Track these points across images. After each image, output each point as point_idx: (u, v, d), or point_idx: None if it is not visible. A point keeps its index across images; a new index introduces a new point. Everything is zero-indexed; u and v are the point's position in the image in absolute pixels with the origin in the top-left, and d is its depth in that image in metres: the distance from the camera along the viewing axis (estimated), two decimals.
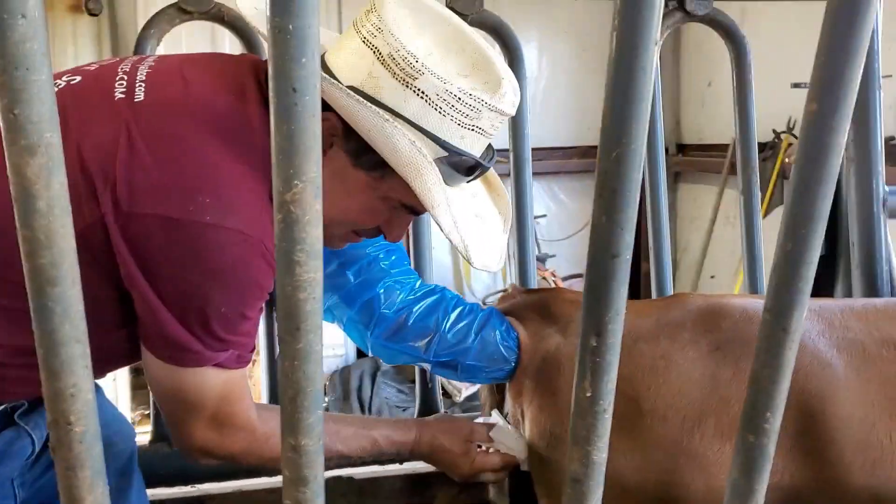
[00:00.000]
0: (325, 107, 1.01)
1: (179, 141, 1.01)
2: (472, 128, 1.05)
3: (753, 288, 1.68)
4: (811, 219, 0.62)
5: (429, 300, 1.35)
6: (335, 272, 1.32)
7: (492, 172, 1.23)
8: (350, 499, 1.58)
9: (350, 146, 1.05)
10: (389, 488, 1.61)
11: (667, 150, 5.90)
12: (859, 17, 0.56)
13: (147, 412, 5.43)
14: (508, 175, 5.97)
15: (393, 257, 1.37)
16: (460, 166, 1.07)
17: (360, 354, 5.26)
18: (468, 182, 1.14)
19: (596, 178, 0.58)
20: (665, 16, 1.69)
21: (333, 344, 5.34)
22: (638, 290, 5.14)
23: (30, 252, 0.51)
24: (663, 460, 1.09)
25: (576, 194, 6.55)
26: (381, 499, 1.60)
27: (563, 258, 6.60)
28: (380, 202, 1.10)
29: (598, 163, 0.58)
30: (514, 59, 1.57)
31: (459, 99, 1.03)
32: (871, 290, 1.49)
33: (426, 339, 1.31)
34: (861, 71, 0.58)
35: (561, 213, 6.70)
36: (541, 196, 6.65)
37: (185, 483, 1.48)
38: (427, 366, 1.35)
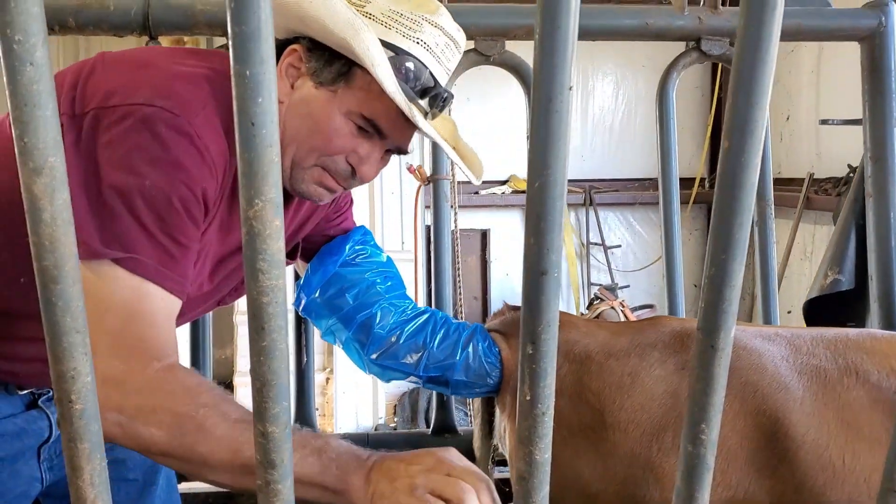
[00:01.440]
0: (295, 41, 1.16)
1: (141, 61, 1.13)
2: (416, 40, 1.16)
3: (767, 318, 1.69)
4: (729, 246, 0.68)
5: (419, 320, 1.44)
6: (336, 294, 1.44)
7: (471, 150, 1.37)
8: None
9: (311, 66, 1.16)
10: None
11: None
12: (760, 62, 0.63)
13: None
14: (583, 205, 5.97)
15: (389, 283, 1.48)
16: (413, 80, 1.17)
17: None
18: (426, 112, 1.22)
19: (526, 205, 0.66)
20: (682, 55, 1.75)
21: None
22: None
23: (37, 255, 0.62)
24: (622, 471, 1.15)
25: (652, 225, 6.54)
26: None
27: (639, 289, 6.57)
28: (342, 120, 1.18)
29: (527, 192, 0.66)
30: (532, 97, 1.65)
31: (402, 14, 1.16)
32: (888, 322, 1.49)
33: (416, 356, 1.40)
34: (766, 112, 0.64)
35: (636, 243, 6.68)
36: (617, 227, 6.66)
37: None
38: (419, 382, 1.43)
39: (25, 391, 1.24)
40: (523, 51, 1.77)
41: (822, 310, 2.25)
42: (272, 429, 0.70)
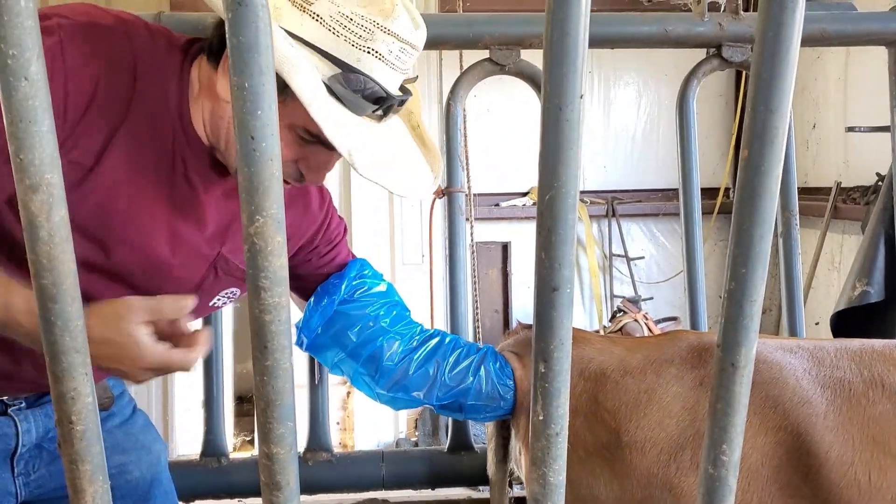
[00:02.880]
0: None
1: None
2: (367, 49, 1.09)
3: (793, 330, 1.65)
4: (750, 259, 0.66)
5: (428, 346, 1.41)
6: (338, 332, 1.41)
7: (426, 132, 1.28)
8: None
9: None
10: None
11: None
12: (780, 66, 0.60)
13: (249, 438, 5.66)
14: (605, 216, 5.92)
15: (393, 313, 1.44)
16: (363, 91, 1.10)
17: None
18: (380, 117, 1.16)
19: (537, 218, 0.64)
20: (703, 63, 1.72)
21: None
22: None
23: (35, 273, 0.60)
24: (640, 491, 1.11)
25: (676, 236, 6.47)
26: None
27: (662, 300, 6.51)
28: (286, 131, 1.13)
29: (537, 205, 0.63)
30: None
31: (352, 20, 1.08)
32: None
33: (427, 386, 1.38)
34: (786, 119, 0.62)
35: (660, 254, 6.62)
36: (640, 238, 6.60)
37: (232, 497, 1.57)
38: (432, 408, 1.41)
39: None
40: (539, 59, 1.76)
41: (850, 322, 2.20)
42: (277, 450, 0.68)
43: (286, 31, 1.07)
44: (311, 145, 1.15)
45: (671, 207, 6.23)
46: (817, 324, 5.35)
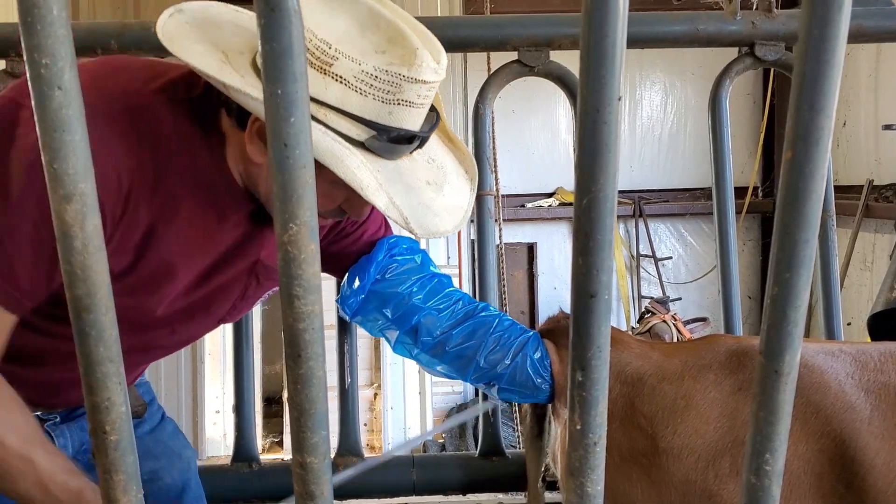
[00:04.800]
0: None
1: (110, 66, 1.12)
2: (397, 102, 1.06)
3: (830, 333, 1.62)
4: (795, 263, 0.64)
5: (467, 324, 1.39)
6: (374, 310, 1.42)
7: (451, 130, 1.25)
8: None
9: None
10: None
11: None
12: (825, 65, 0.58)
13: (277, 439, 5.69)
14: (632, 216, 5.90)
15: (427, 288, 1.42)
16: (398, 140, 1.09)
17: (478, 392, 5.34)
18: (413, 152, 1.15)
19: (573, 222, 0.63)
20: (735, 62, 1.70)
21: (452, 382, 5.44)
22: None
23: (69, 284, 0.60)
24: (676, 498, 1.09)
25: (704, 236, 6.42)
26: None
27: (690, 301, 6.45)
28: (330, 186, 1.11)
29: (574, 209, 0.62)
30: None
31: (377, 77, 1.04)
32: None
33: (463, 365, 1.36)
34: (832, 119, 0.60)
35: (688, 255, 6.57)
36: (668, 238, 6.55)
37: (263, 502, 1.57)
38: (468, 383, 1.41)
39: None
40: (567, 60, 1.73)
41: (888, 324, 2.15)
42: (311, 459, 0.67)
43: (311, 98, 1.05)
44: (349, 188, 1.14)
45: (699, 207, 6.19)
46: (849, 324, 5.27)
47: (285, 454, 5.06)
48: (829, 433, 1.06)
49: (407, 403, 5.03)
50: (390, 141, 1.08)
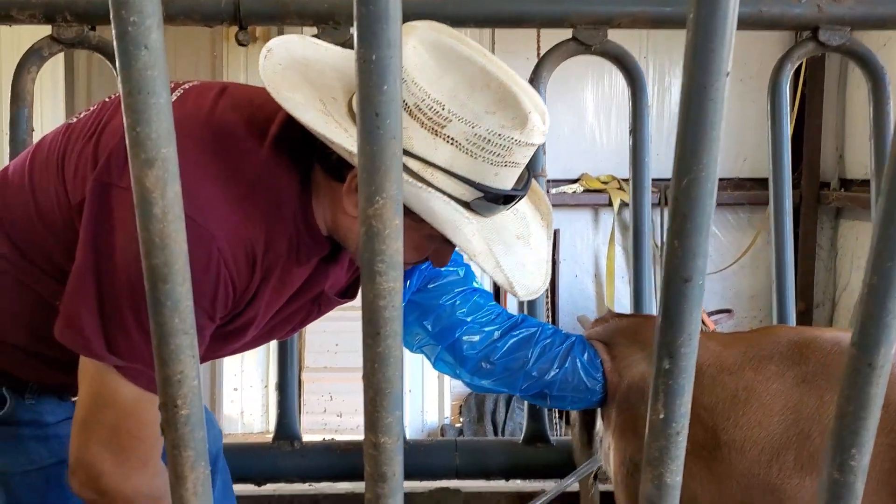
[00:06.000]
0: None
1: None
2: (504, 164, 1.05)
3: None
4: None
5: (511, 336, 1.36)
6: (414, 322, 1.39)
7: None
8: None
9: None
10: (495, 503, 1.63)
11: (829, 185, 5.64)
12: None
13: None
14: (657, 204, 5.82)
15: (470, 301, 1.39)
16: (497, 200, 1.08)
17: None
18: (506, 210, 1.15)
19: (669, 203, 0.60)
20: (798, 45, 1.65)
21: None
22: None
23: (146, 252, 0.58)
24: (738, 492, 1.07)
25: (729, 227, 6.34)
26: None
27: (713, 292, 6.39)
28: (424, 240, 1.12)
29: (671, 189, 0.59)
30: (636, 88, 1.58)
31: (489, 140, 1.02)
32: None
33: (512, 377, 1.33)
34: None
35: (712, 245, 6.47)
36: None
37: (304, 481, 1.56)
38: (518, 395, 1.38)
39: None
40: (624, 39, 1.69)
41: None
42: (384, 439, 0.65)
43: (420, 158, 1.03)
44: (447, 245, 1.14)
45: (725, 197, 6.12)
46: None
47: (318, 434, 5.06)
48: None
49: (425, 388, 5.02)
50: (490, 201, 1.07)
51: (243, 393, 5.10)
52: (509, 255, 1.11)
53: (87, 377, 1.06)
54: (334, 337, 4.63)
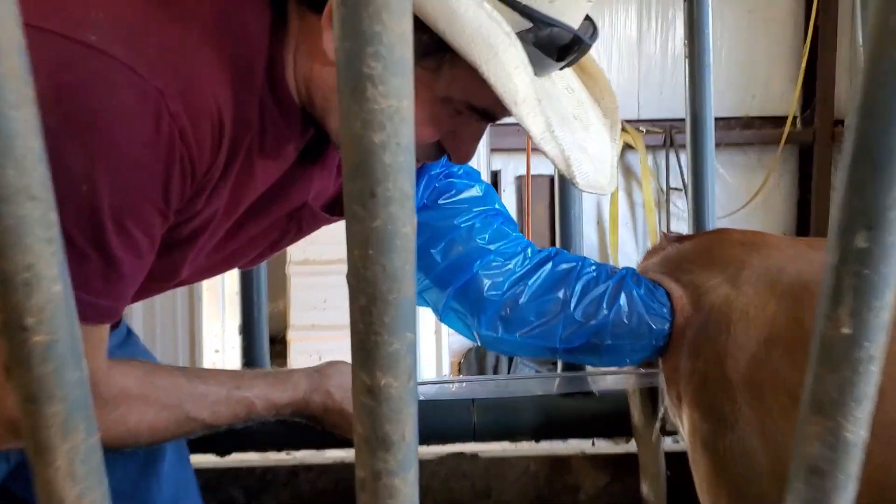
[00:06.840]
0: None
1: None
2: None
3: None
4: None
5: (545, 271, 1.04)
6: (419, 249, 0.98)
7: (589, 56, 0.90)
8: (474, 481, 1.33)
9: None
10: (522, 470, 1.34)
11: (844, 123, 5.40)
12: None
13: None
14: (662, 146, 5.57)
15: (493, 225, 1.06)
16: (551, 44, 0.77)
17: None
18: (561, 69, 0.84)
19: None
20: None
21: None
22: None
23: None
24: (879, 452, 0.79)
25: (737, 169, 6.10)
26: (510, 481, 1.34)
27: None
28: (439, 106, 0.81)
29: None
30: None
31: None
32: None
33: (548, 325, 1.02)
34: None
35: (721, 188, 6.25)
36: None
37: (279, 450, 1.27)
38: (557, 355, 1.08)
39: None
40: None
41: None
42: (387, 380, 0.40)
43: None
44: (464, 118, 0.84)
45: (734, 137, 5.87)
46: None
47: None
48: None
49: (421, 343, 4.80)
50: (540, 46, 0.77)
51: (225, 355, 4.86)
52: (565, 128, 0.80)
53: None
54: (322, 292, 4.35)
